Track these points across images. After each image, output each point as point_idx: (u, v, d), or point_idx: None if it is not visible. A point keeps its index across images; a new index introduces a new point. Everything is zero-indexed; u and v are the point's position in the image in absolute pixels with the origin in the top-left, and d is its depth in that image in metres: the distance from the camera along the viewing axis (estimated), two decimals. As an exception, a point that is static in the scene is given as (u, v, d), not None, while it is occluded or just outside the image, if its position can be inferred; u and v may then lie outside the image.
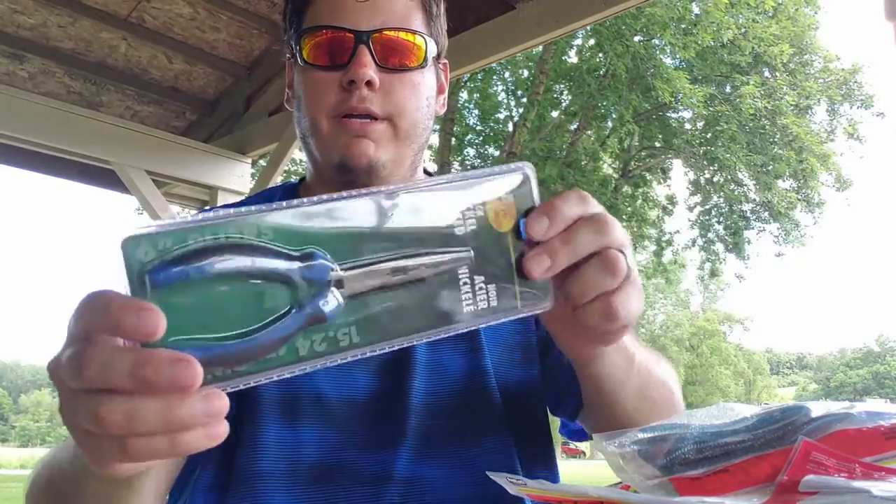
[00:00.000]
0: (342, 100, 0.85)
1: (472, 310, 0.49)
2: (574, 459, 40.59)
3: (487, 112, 13.48)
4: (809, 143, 12.79)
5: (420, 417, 0.83)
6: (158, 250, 0.40)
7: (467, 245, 0.49)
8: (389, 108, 0.86)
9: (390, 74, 0.86)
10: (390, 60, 0.87)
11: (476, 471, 0.83)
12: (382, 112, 0.86)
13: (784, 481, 0.53)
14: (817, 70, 13.98)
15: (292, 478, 0.79)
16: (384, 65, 0.86)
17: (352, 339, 0.45)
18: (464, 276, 0.49)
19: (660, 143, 13.67)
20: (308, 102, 0.89)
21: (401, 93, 0.87)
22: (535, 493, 0.59)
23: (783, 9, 12.83)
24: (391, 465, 0.80)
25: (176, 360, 0.38)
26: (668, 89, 10.87)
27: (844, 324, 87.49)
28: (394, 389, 0.84)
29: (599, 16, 2.52)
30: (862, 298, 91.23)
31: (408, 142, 0.89)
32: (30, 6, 3.05)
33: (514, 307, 0.51)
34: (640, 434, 0.64)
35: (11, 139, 3.13)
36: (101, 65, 3.41)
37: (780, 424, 0.61)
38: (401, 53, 0.87)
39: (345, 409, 0.83)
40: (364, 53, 0.84)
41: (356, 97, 0.84)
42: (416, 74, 0.89)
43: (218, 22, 3.34)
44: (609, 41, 10.89)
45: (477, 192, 0.50)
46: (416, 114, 0.89)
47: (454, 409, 0.85)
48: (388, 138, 0.87)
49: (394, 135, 0.87)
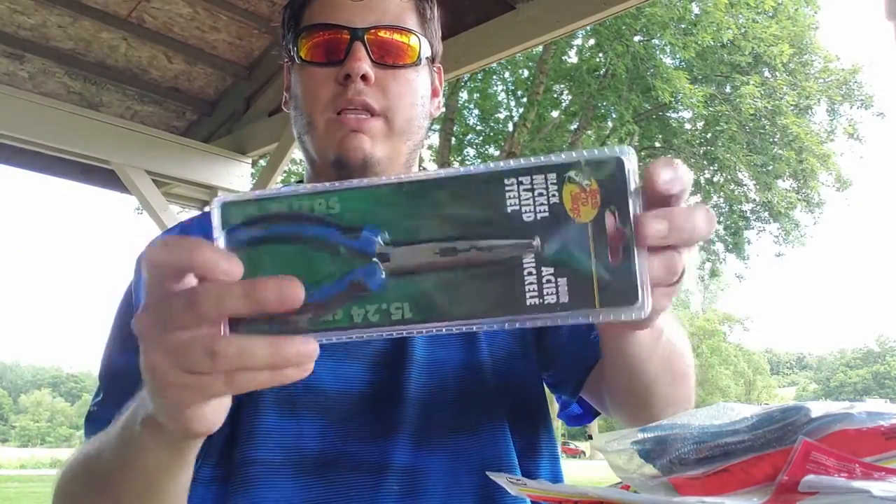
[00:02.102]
0: (338, 94, 0.87)
1: (537, 303, 0.46)
2: (574, 459, 40.59)
3: (487, 112, 13.50)
4: (809, 143, 12.80)
5: (417, 408, 0.85)
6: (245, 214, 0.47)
7: (535, 233, 0.46)
8: (384, 102, 0.88)
9: (385, 70, 0.89)
10: (385, 57, 0.89)
11: (474, 460, 0.84)
12: (378, 107, 0.88)
13: (784, 481, 0.53)
14: (817, 70, 13.99)
15: (292, 467, 0.81)
16: (379, 61, 0.88)
17: (404, 313, 0.46)
18: (528, 265, 0.46)
19: (660, 143, 13.67)
20: (305, 99, 0.90)
21: (395, 88, 0.89)
22: (535, 493, 0.59)
23: (783, 9, 12.84)
24: (390, 455, 0.82)
25: (282, 282, 0.44)
26: (668, 89, 10.87)
27: (844, 324, 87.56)
28: (390, 381, 0.86)
29: (599, 16, 2.52)
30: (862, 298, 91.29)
31: (403, 138, 0.91)
32: (30, 6, 3.05)
33: (590, 307, 0.45)
34: (640, 434, 0.64)
35: (11, 139, 3.13)
36: (101, 65, 3.41)
37: (780, 424, 0.61)
38: (395, 50, 0.90)
39: (343, 400, 0.84)
40: (359, 49, 0.87)
41: (352, 90, 0.86)
42: (410, 72, 0.91)
43: (218, 22, 3.34)
44: (609, 41, 10.89)
45: (554, 176, 0.46)
46: (411, 110, 0.91)
47: (451, 401, 0.87)
48: (383, 134, 0.88)
49: (389, 131, 0.89)
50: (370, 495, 0.81)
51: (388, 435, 0.83)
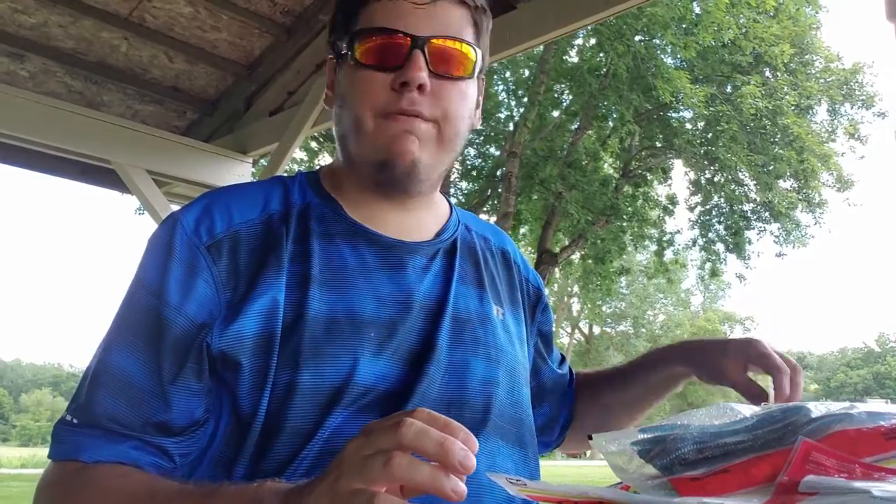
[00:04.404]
0: (392, 100, 0.87)
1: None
2: (574, 459, 40.55)
3: (488, 112, 13.47)
4: (810, 143, 12.78)
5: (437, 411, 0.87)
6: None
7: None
8: (437, 112, 0.88)
9: (441, 81, 0.89)
10: (442, 67, 0.89)
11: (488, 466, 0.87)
12: (430, 115, 0.88)
13: (784, 481, 0.53)
14: (818, 70, 13.96)
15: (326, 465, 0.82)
16: (436, 71, 0.88)
17: None
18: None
19: (660, 143, 13.65)
20: (356, 100, 0.90)
21: (449, 99, 0.89)
22: (535, 493, 0.59)
23: (784, 8, 12.81)
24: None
25: (467, 448, 0.55)
26: (668, 89, 10.85)
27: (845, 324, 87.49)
28: (417, 380, 0.87)
29: (600, 16, 2.52)
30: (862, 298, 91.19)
31: (448, 149, 0.92)
32: (30, 5, 3.05)
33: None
34: (640, 434, 0.64)
35: (11, 139, 3.13)
36: (102, 64, 3.41)
37: (780, 425, 0.61)
38: (453, 62, 0.90)
39: (378, 398, 0.84)
40: (419, 57, 0.86)
41: (406, 99, 0.86)
42: (465, 84, 0.92)
43: (219, 21, 3.33)
44: (610, 41, 10.87)
45: None
46: (461, 123, 0.91)
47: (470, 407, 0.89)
48: (432, 141, 0.89)
49: (438, 138, 0.89)
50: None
51: None
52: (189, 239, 0.85)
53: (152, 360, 0.82)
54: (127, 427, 0.80)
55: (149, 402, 0.81)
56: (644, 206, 13.41)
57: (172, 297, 0.83)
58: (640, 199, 13.35)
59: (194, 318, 0.82)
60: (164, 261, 0.84)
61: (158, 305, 0.83)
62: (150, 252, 0.87)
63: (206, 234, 0.86)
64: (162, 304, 0.83)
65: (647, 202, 13.55)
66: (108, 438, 0.80)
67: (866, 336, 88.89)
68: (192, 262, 0.84)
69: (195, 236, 0.86)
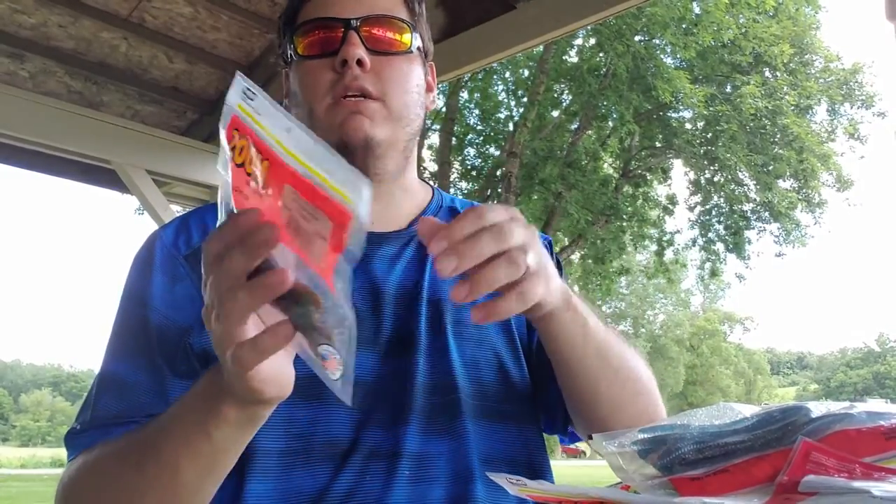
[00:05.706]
0: (336, 81, 0.90)
1: None
2: (574, 459, 40.58)
3: (488, 112, 13.48)
4: (810, 142, 12.78)
5: (424, 397, 0.88)
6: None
7: None
8: (381, 87, 0.91)
9: (379, 57, 0.92)
10: (378, 45, 0.93)
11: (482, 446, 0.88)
12: (375, 91, 0.91)
13: (784, 481, 0.53)
14: (818, 70, 13.96)
15: (306, 455, 0.84)
16: (373, 48, 0.92)
17: None
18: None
19: (660, 143, 13.65)
20: (304, 91, 0.93)
21: (390, 74, 0.92)
22: (535, 493, 0.59)
23: (784, 8, 12.82)
24: (401, 441, 0.85)
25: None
26: (668, 89, 10.85)
27: (844, 324, 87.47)
28: (400, 369, 0.88)
29: (600, 15, 2.52)
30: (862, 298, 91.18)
31: (401, 123, 0.94)
32: (30, 5, 3.05)
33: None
34: (640, 434, 0.64)
35: (11, 139, 3.13)
36: (102, 64, 3.41)
37: (780, 424, 0.61)
38: (388, 39, 0.94)
39: (358, 390, 0.85)
40: (353, 37, 0.91)
41: (349, 76, 0.90)
42: (404, 59, 0.95)
43: (218, 22, 3.33)
44: (610, 41, 10.87)
45: None
46: (407, 96, 0.94)
47: (456, 390, 0.90)
48: (382, 116, 0.91)
49: (387, 114, 0.92)
50: (383, 480, 0.83)
51: (401, 423, 0.86)
52: (168, 251, 0.92)
53: (146, 361, 0.86)
54: (125, 418, 0.84)
55: (146, 398, 0.85)
56: (644, 205, 13.40)
57: (157, 303, 0.88)
58: (640, 199, 13.34)
59: (177, 321, 0.87)
60: (147, 272, 0.91)
61: (145, 312, 0.88)
62: (135, 266, 0.94)
63: (184, 246, 0.92)
64: (148, 310, 0.88)
65: (647, 202, 13.54)
66: (108, 430, 0.84)
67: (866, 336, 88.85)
68: (173, 272, 0.90)
69: (174, 248, 0.92)
